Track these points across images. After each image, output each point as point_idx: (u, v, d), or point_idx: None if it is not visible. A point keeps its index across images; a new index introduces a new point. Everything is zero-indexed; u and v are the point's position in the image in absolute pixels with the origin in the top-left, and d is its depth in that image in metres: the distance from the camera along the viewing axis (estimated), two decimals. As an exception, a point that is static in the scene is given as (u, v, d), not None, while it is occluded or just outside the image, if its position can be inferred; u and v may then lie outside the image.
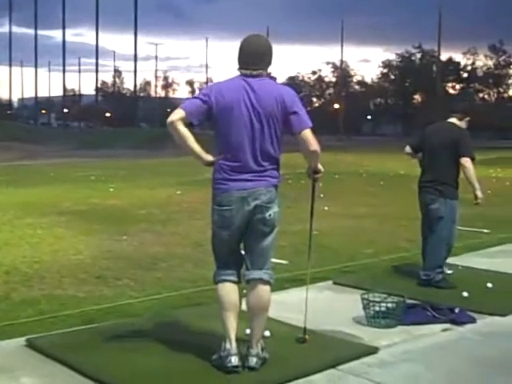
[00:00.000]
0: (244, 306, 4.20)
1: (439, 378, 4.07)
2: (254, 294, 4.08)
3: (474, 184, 6.17)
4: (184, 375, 3.97)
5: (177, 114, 3.95)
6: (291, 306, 5.23)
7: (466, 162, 6.17)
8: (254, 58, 4.03)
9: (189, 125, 3.98)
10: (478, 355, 4.49)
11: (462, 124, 6.41)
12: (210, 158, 4.03)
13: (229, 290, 4.09)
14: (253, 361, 4.03)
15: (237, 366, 3.96)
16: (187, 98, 4.32)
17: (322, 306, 5.54)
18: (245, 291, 4.20)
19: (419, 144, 6.58)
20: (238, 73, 4.10)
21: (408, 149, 6.65)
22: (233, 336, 4.03)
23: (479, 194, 6.17)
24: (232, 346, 4.01)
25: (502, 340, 4.82)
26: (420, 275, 6.31)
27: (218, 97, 3.99)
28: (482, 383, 4.03)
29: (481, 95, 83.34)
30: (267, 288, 4.11)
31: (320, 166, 4.29)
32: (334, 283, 6.39)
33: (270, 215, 4.02)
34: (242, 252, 4.20)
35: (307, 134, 4.05)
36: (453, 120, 6.41)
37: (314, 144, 4.06)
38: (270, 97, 4.00)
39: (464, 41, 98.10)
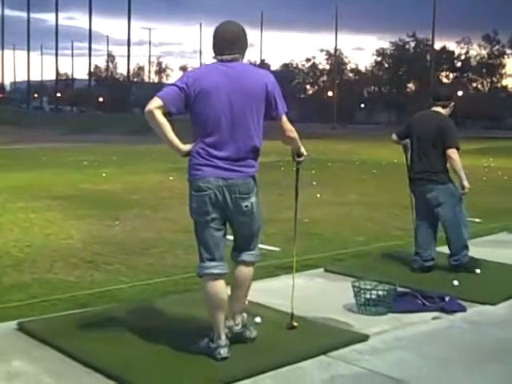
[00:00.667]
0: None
1: (429, 365, 4.09)
2: (237, 272, 4.17)
3: (461, 175, 6.19)
4: (173, 361, 3.96)
5: (154, 103, 3.85)
6: (281, 292, 5.23)
7: (452, 153, 6.17)
8: (228, 43, 3.97)
9: (167, 114, 3.90)
10: (468, 343, 4.52)
11: (447, 111, 6.44)
12: (187, 147, 3.99)
13: (215, 285, 4.00)
14: (236, 328, 4.17)
15: (226, 358, 3.96)
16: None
17: (313, 294, 5.55)
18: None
19: (405, 132, 6.64)
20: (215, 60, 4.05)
21: (394, 136, 6.75)
22: (222, 330, 4.02)
23: (466, 183, 6.19)
24: (221, 338, 4.00)
25: (491, 328, 4.84)
26: (449, 261, 6.39)
27: (195, 83, 3.91)
28: (471, 371, 4.05)
29: (474, 85, 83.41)
30: (251, 267, 4.20)
31: (303, 150, 4.32)
32: (325, 271, 6.39)
33: (246, 206, 3.96)
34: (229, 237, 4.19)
35: (285, 119, 4.11)
36: (437, 108, 6.42)
37: (292, 129, 4.15)
38: (251, 81, 3.95)
39: (458, 30, 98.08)
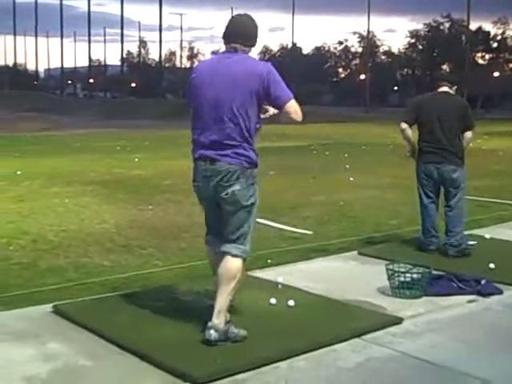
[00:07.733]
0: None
1: (463, 348, 4.05)
2: (221, 265, 4.06)
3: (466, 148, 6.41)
4: (204, 344, 3.97)
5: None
6: (316, 275, 5.24)
7: (470, 133, 6.35)
8: (234, 34, 4.10)
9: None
10: (504, 327, 4.46)
11: (453, 92, 6.50)
12: None
13: (209, 255, 4.34)
14: (209, 334, 3.89)
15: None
16: None
17: (347, 276, 5.53)
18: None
19: (414, 115, 6.36)
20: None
21: (405, 126, 6.29)
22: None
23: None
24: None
25: (528, 312, 4.77)
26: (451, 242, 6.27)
27: (193, 74, 4.22)
28: (506, 355, 4.00)
29: (511, 65, 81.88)
30: (235, 261, 4.05)
31: (272, 112, 4.11)
32: (359, 253, 6.35)
33: (226, 194, 3.99)
34: None
35: (292, 105, 4.01)
36: (446, 89, 6.38)
37: (299, 115, 4.04)
38: (242, 68, 4.01)
39: (494, 10, 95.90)
